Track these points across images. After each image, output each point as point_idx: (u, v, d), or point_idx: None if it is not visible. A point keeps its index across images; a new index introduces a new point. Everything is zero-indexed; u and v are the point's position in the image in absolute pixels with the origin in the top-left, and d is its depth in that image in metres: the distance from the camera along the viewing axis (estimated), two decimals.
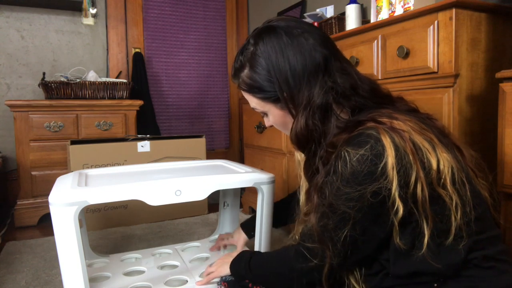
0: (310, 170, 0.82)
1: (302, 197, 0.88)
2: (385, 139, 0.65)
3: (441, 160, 0.66)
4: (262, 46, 0.78)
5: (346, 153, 0.66)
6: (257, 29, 0.83)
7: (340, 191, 0.67)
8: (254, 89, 0.82)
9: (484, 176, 0.77)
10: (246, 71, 0.82)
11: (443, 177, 0.66)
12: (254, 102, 0.85)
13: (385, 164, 0.64)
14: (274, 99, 0.81)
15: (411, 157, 0.65)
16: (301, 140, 0.79)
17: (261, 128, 2.01)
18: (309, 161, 0.82)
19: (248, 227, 1.25)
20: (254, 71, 0.80)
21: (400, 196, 0.64)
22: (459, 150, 0.75)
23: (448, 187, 0.66)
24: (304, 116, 0.76)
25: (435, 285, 0.67)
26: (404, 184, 0.64)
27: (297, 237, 0.83)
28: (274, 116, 0.85)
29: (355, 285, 0.75)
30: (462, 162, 0.72)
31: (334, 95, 0.76)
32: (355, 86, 0.77)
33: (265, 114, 0.87)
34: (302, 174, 0.89)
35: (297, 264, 0.76)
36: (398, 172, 0.64)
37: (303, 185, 0.90)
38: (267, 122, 0.89)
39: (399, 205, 0.64)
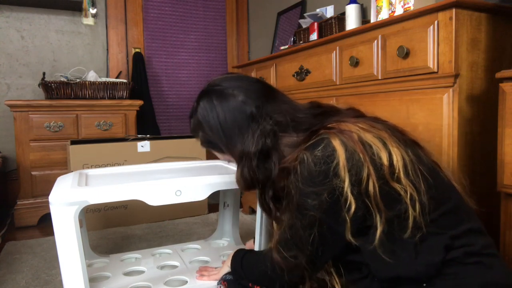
0: (264, 205, 0.88)
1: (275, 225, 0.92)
2: (335, 141, 0.69)
3: (392, 155, 0.70)
4: (200, 110, 0.88)
5: (304, 156, 0.71)
6: (200, 92, 0.91)
7: (302, 192, 0.71)
8: (210, 145, 0.92)
9: (449, 168, 0.79)
10: (200, 132, 0.91)
11: (396, 171, 0.69)
12: (216, 153, 0.94)
13: (337, 164, 0.68)
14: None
15: (361, 155, 0.68)
16: (242, 186, 0.87)
17: None
18: (261, 198, 0.88)
19: None
20: (204, 132, 0.90)
21: (352, 193, 0.67)
22: (419, 146, 0.79)
23: (402, 180, 0.69)
24: (240, 167, 0.84)
25: (424, 285, 0.68)
26: (355, 182, 0.67)
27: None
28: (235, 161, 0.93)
29: None
30: (423, 157, 0.75)
31: (281, 128, 0.82)
32: (294, 118, 0.83)
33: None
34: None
35: (277, 264, 0.80)
36: (349, 171, 0.67)
37: None
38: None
39: (351, 202, 0.67)
